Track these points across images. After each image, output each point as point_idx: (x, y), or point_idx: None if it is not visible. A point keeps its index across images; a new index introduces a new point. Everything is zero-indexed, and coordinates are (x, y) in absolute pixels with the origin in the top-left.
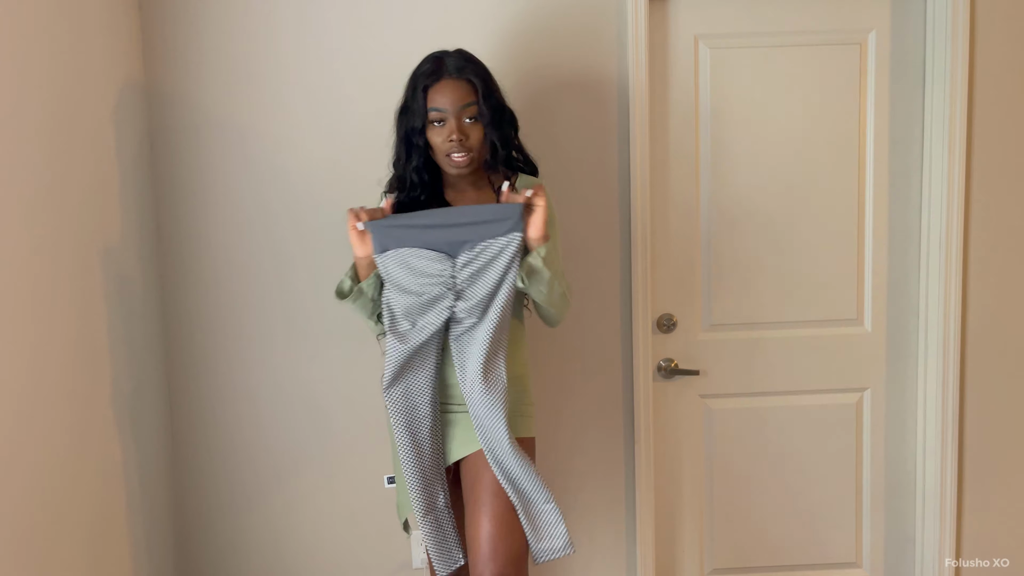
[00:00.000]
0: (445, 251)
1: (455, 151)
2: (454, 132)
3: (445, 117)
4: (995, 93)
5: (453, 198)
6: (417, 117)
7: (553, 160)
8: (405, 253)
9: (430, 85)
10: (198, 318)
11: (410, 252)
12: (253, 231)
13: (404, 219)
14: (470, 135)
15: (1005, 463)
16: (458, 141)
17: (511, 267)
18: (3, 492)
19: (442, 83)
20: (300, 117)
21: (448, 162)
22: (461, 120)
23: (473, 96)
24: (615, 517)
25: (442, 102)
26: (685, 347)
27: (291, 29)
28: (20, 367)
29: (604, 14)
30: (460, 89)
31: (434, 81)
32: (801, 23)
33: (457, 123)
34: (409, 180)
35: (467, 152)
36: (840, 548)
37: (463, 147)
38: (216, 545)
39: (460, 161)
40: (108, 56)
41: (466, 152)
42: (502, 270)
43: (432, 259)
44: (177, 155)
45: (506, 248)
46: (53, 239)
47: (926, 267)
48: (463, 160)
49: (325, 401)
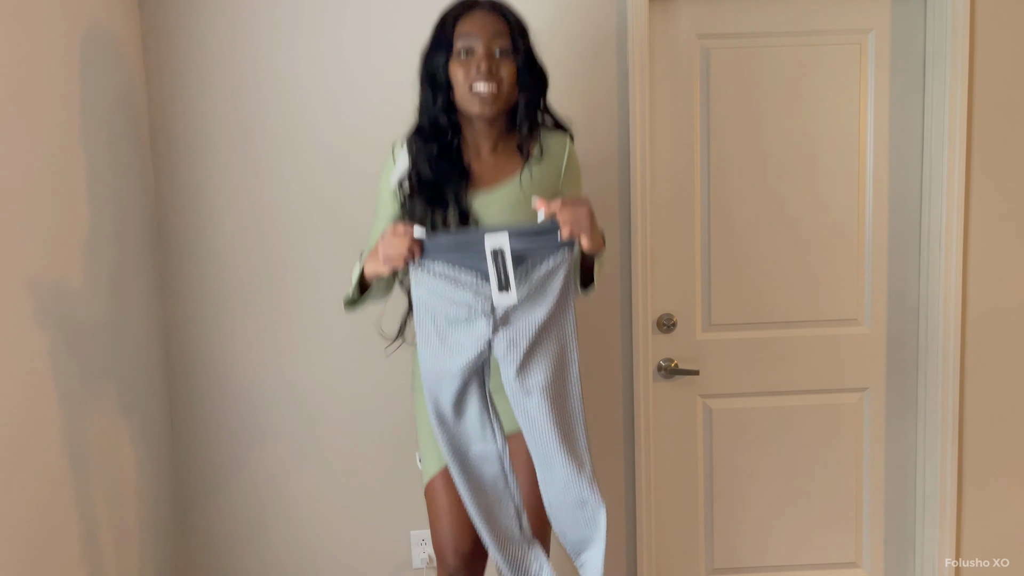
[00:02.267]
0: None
1: (481, 80)
2: (483, 59)
3: (473, 47)
4: (995, 93)
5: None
6: (442, 51)
7: None
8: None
9: (460, 15)
10: (198, 318)
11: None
12: (253, 231)
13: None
14: (500, 68)
15: (1005, 463)
16: (487, 71)
17: (567, 294)
18: (2, 492)
19: (473, 13)
20: (300, 117)
21: (471, 98)
22: (491, 50)
23: (506, 30)
24: (615, 517)
25: (471, 28)
26: (685, 347)
27: (291, 30)
28: (20, 366)
29: (604, 14)
30: (494, 21)
31: (464, 12)
32: (801, 23)
33: (486, 51)
34: (438, 122)
35: (496, 84)
36: (840, 548)
37: (492, 78)
38: (216, 545)
39: (486, 94)
40: (108, 55)
41: (495, 84)
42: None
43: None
44: (177, 155)
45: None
46: (52, 239)
47: (926, 267)
48: (489, 93)
49: (324, 401)
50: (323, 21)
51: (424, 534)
